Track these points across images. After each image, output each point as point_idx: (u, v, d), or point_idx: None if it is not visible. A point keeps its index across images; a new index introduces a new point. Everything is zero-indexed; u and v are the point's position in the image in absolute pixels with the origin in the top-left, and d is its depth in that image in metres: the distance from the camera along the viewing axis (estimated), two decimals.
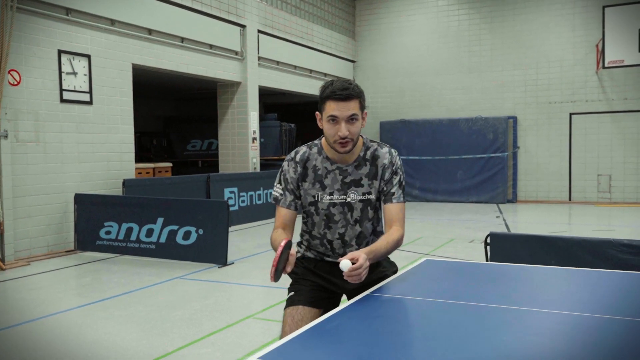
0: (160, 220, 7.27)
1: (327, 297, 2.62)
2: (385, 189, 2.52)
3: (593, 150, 13.80)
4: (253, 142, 11.55)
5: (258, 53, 11.85)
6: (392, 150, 2.56)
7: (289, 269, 2.21)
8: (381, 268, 2.64)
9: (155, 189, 8.90)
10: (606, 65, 12.48)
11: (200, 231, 7.04)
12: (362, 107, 2.42)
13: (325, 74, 14.55)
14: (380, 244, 2.41)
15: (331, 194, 2.52)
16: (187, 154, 14.95)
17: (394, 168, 2.52)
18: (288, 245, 2.21)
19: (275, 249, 2.48)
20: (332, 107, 2.37)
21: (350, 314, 2.06)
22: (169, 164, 11.10)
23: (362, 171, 2.52)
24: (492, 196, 14.18)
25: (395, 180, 2.52)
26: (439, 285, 2.53)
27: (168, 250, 7.20)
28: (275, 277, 2.18)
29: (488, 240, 4.10)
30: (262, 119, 12.23)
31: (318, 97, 2.46)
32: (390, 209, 2.51)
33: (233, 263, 7.02)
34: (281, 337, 2.44)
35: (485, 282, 2.56)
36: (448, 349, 1.69)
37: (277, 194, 2.58)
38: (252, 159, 11.55)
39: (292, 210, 2.56)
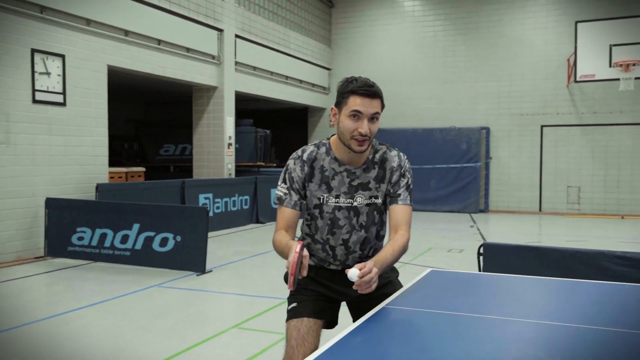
0: (136, 226, 7.06)
1: (330, 307, 2.53)
2: (392, 190, 2.43)
3: (563, 162, 14.04)
4: (229, 147, 11.39)
5: (235, 58, 11.72)
6: (401, 153, 2.49)
7: (304, 273, 2.07)
8: (384, 274, 2.56)
9: (128, 194, 8.66)
10: (578, 79, 12.74)
11: (178, 238, 6.86)
12: (382, 108, 2.34)
13: (301, 81, 14.49)
14: (386, 253, 2.29)
15: (337, 196, 2.42)
16: (160, 159, 14.68)
17: (402, 170, 2.44)
18: (303, 247, 2.08)
19: (280, 253, 2.38)
20: (356, 102, 2.28)
21: (372, 327, 1.96)
22: (142, 169, 10.85)
23: (370, 174, 2.43)
24: (464, 206, 14.29)
25: (403, 182, 2.43)
26: (451, 297, 2.46)
27: (144, 257, 6.99)
28: (295, 284, 2.04)
29: (481, 251, 4.06)
30: (237, 124, 12.08)
31: (337, 91, 2.36)
32: (397, 211, 2.41)
33: (212, 271, 6.86)
34: (287, 351, 2.33)
35: (499, 294, 2.51)
36: None
37: (281, 194, 2.45)
38: (228, 165, 11.39)
39: (297, 211, 2.44)
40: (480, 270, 4.02)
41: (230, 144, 11.42)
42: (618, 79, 12.21)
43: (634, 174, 13.47)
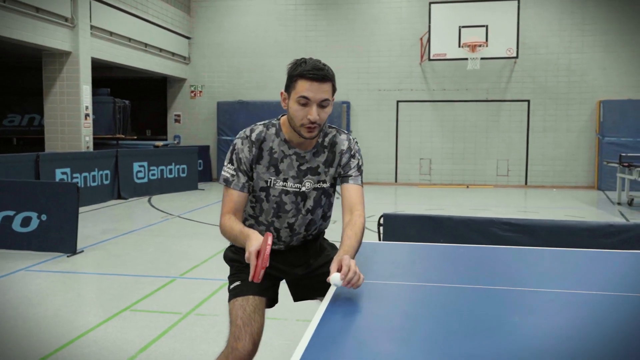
0: None
1: (272, 285, 2.49)
2: (342, 172, 2.39)
3: (416, 136, 14.96)
4: (86, 118, 10.58)
5: (90, 22, 10.83)
6: (351, 136, 2.44)
7: (267, 264, 2.01)
8: (326, 252, 2.57)
9: None
10: (431, 57, 13.57)
11: (44, 217, 6.28)
12: (334, 92, 2.25)
13: (161, 49, 13.81)
14: (351, 240, 2.21)
15: (285, 180, 2.34)
16: (4, 130, 13.19)
17: (352, 152, 2.40)
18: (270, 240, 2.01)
19: (231, 239, 2.28)
20: (304, 87, 2.17)
21: (343, 308, 1.94)
22: None
23: (319, 158, 2.37)
24: None
25: (354, 163, 2.40)
26: (391, 268, 2.56)
27: (2, 239, 6.31)
28: (262, 277, 1.97)
29: (381, 221, 4.22)
30: (93, 94, 11.22)
31: (287, 74, 2.25)
32: (350, 191, 2.37)
33: (83, 251, 6.39)
34: (233, 331, 2.25)
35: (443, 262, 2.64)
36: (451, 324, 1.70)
37: (228, 175, 2.32)
38: (85, 137, 10.59)
39: (245, 193, 2.33)
40: (380, 240, 4.19)
41: (87, 115, 10.62)
42: (466, 59, 13.22)
43: (477, 147, 14.75)
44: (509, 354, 1.53)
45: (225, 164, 2.36)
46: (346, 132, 2.45)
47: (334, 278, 1.93)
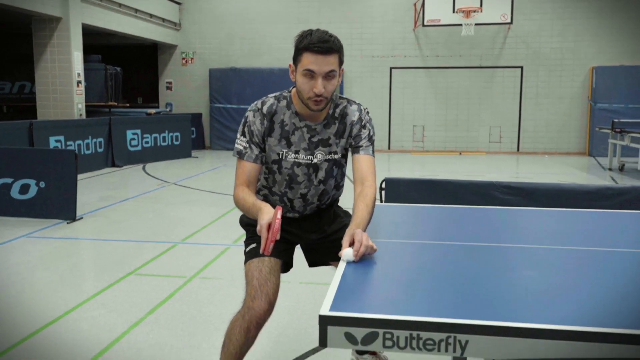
0: None
1: (286, 249, 2.53)
2: (353, 142, 2.40)
3: (409, 102, 14.95)
4: (78, 85, 10.48)
5: None
6: (362, 106, 2.44)
7: (278, 237, 2.04)
8: (340, 219, 2.60)
9: None
10: (425, 23, 13.47)
11: (42, 184, 6.28)
12: (341, 63, 2.25)
13: (152, 15, 13.59)
14: (363, 212, 2.22)
15: (297, 152, 2.37)
16: None
17: (362, 123, 2.40)
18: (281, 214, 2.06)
19: (245, 211, 2.31)
20: (309, 60, 2.17)
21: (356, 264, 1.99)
22: None
23: (330, 130, 2.38)
24: None
25: (365, 134, 2.40)
26: (405, 228, 2.62)
27: (1, 206, 6.32)
28: (272, 249, 2.02)
29: (383, 185, 4.26)
30: (84, 60, 11.08)
31: (294, 47, 2.23)
32: (361, 161, 2.37)
33: (82, 218, 6.41)
34: (249, 292, 2.30)
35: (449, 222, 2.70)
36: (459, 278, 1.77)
37: (241, 147, 2.35)
38: (78, 105, 10.50)
39: (258, 165, 2.36)
40: (382, 202, 4.24)
41: (79, 82, 10.50)
42: (460, 25, 13.14)
43: (470, 113, 14.79)
44: (510, 302, 1.63)
45: (238, 136, 2.39)
46: (357, 102, 2.44)
47: (347, 254, 1.94)
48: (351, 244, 1.97)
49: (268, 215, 2.06)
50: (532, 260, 2.05)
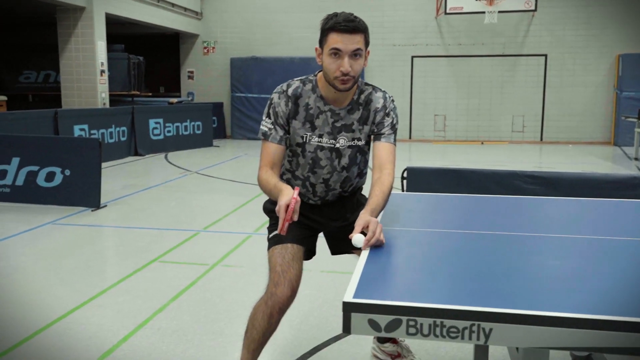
0: (15, 161, 6.44)
1: (310, 235, 2.54)
2: (376, 129, 2.41)
3: (431, 91, 14.84)
4: (101, 75, 10.59)
5: None
6: (387, 94, 2.44)
7: (295, 218, 2.05)
8: (362, 207, 2.61)
9: None
10: (447, 11, 13.32)
11: (67, 172, 6.38)
12: (367, 44, 2.27)
13: (173, 4, 13.65)
14: (378, 198, 2.24)
15: (320, 136, 2.38)
16: (20, 87, 13.21)
17: (387, 111, 2.40)
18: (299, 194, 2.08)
19: (267, 192, 2.32)
20: (335, 40, 2.20)
21: (379, 251, 2.00)
22: (4, 97, 9.77)
23: (354, 116, 2.39)
24: None
25: (388, 121, 2.40)
26: (423, 215, 2.61)
27: (27, 194, 6.44)
28: (286, 229, 2.04)
29: (405, 175, 4.25)
30: (107, 50, 11.19)
31: (320, 29, 2.27)
32: (381, 149, 2.38)
33: (106, 206, 6.50)
34: (272, 277, 2.32)
35: (469, 211, 2.69)
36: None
37: (266, 129, 2.37)
38: (101, 94, 10.62)
39: (282, 146, 2.38)
40: (403, 191, 4.23)
41: (103, 71, 10.61)
42: (483, 12, 12.98)
43: (492, 102, 14.63)
44: (534, 290, 1.61)
45: (263, 118, 2.41)
46: (383, 90, 2.45)
47: (357, 240, 1.96)
48: (363, 232, 1.99)
49: (287, 196, 2.07)
50: (555, 249, 2.04)
